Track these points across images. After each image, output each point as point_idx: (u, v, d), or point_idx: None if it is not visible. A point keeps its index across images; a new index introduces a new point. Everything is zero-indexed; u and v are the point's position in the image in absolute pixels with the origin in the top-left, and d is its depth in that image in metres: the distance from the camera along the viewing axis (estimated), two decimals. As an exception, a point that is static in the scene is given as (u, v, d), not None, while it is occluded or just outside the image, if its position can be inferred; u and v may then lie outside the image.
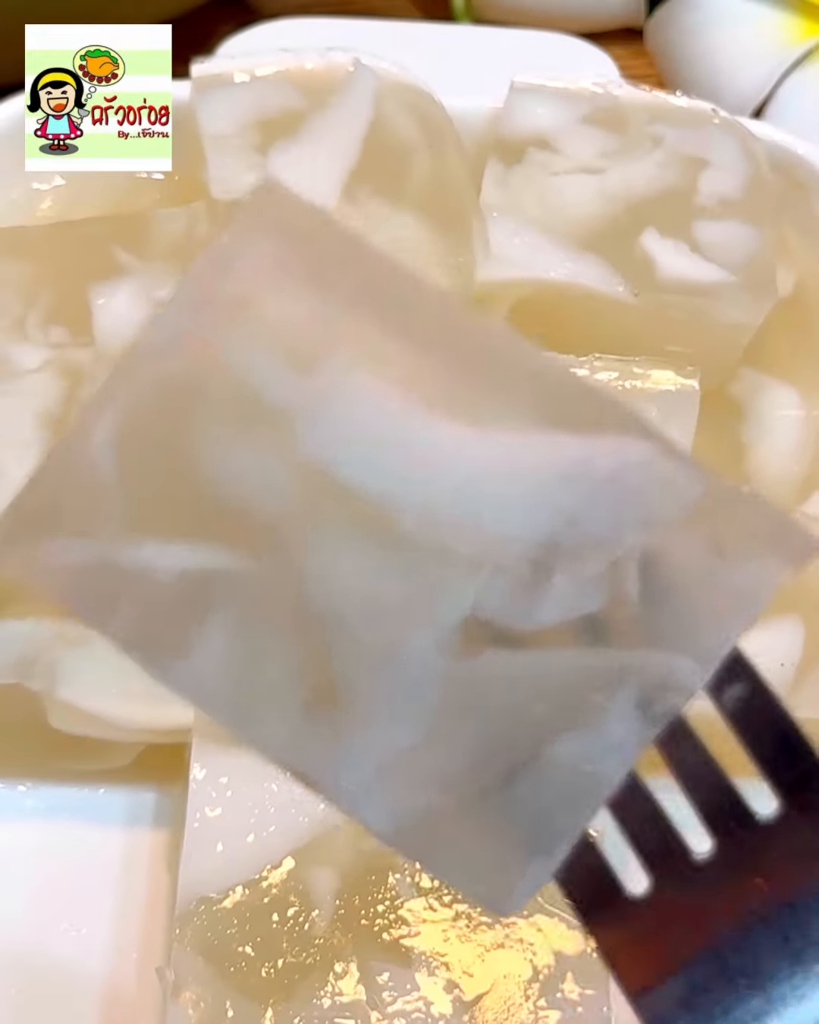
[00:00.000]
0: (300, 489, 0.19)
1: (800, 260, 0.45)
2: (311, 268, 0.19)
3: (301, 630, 0.19)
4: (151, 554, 0.19)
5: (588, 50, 0.49)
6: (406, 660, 0.19)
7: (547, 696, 0.20)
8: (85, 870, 0.39)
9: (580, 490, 0.19)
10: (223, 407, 0.19)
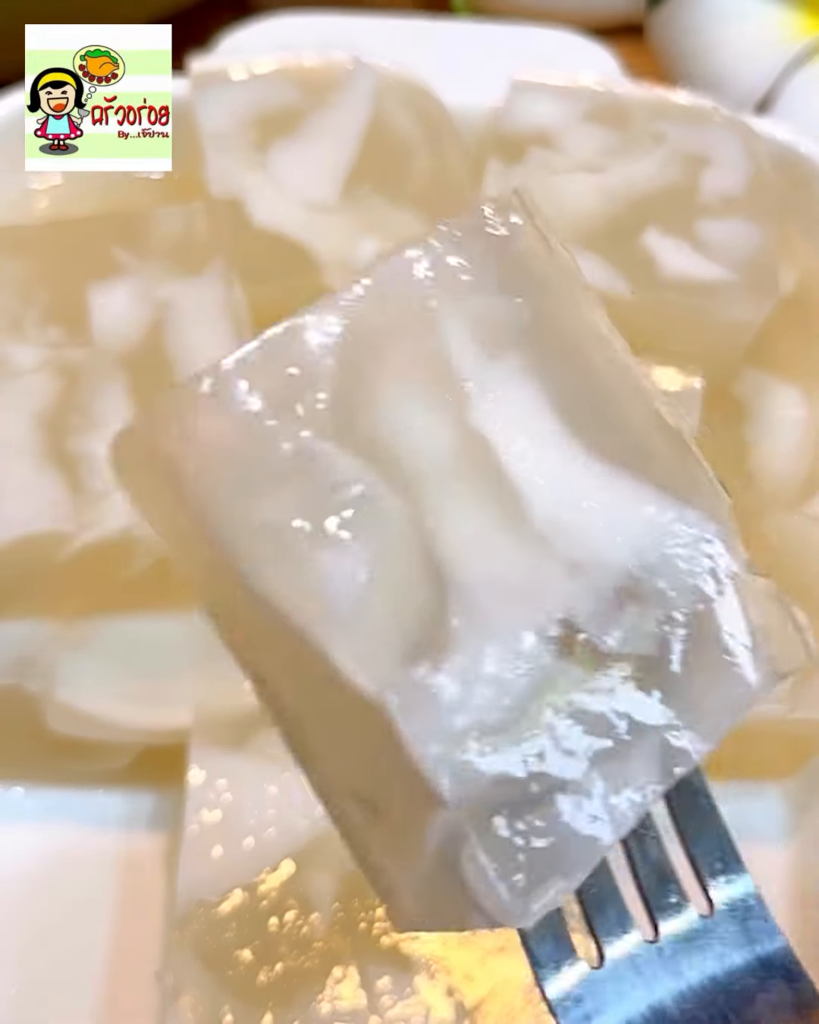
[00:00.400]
0: (457, 453, 0.21)
1: (803, 258, 0.45)
2: (518, 276, 0.22)
3: (427, 577, 0.20)
4: (336, 451, 0.20)
5: (590, 46, 0.49)
6: (516, 638, 0.20)
7: (596, 721, 0.21)
8: (83, 873, 0.39)
9: (665, 544, 0.22)
10: (416, 359, 0.21)
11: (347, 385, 0.21)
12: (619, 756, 0.21)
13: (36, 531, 0.34)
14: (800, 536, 0.40)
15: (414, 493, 0.21)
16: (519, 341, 0.22)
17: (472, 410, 0.21)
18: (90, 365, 0.36)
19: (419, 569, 0.20)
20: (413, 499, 0.21)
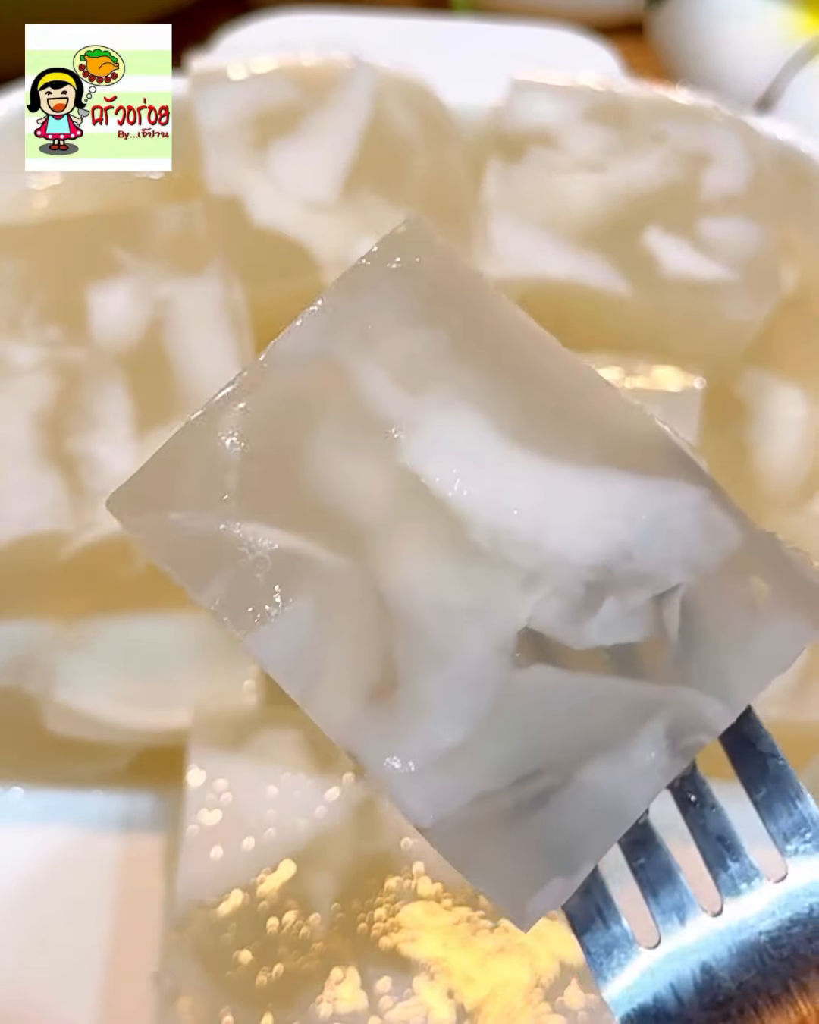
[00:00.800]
0: (394, 496, 0.21)
1: (803, 257, 0.45)
2: (431, 304, 0.22)
3: (374, 624, 0.21)
4: (255, 532, 0.21)
5: (590, 45, 0.49)
6: (464, 661, 0.21)
7: (584, 717, 0.21)
8: (82, 874, 0.39)
9: (636, 526, 0.22)
10: (338, 418, 0.22)
11: (268, 461, 0.21)
12: (614, 745, 0.21)
13: (36, 531, 0.34)
14: (801, 536, 0.40)
15: (362, 544, 0.21)
16: (443, 368, 0.22)
17: (401, 452, 0.22)
18: (89, 365, 0.36)
19: (369, 616, 0.21)
20: (361, 550, 0.21)
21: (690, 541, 0.22)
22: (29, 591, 0.36)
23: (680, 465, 0.22)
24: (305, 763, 0.35)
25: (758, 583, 0.22)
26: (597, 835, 0.21)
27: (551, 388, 0.22)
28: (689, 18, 0.54)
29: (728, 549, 0.22)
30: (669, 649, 0.22)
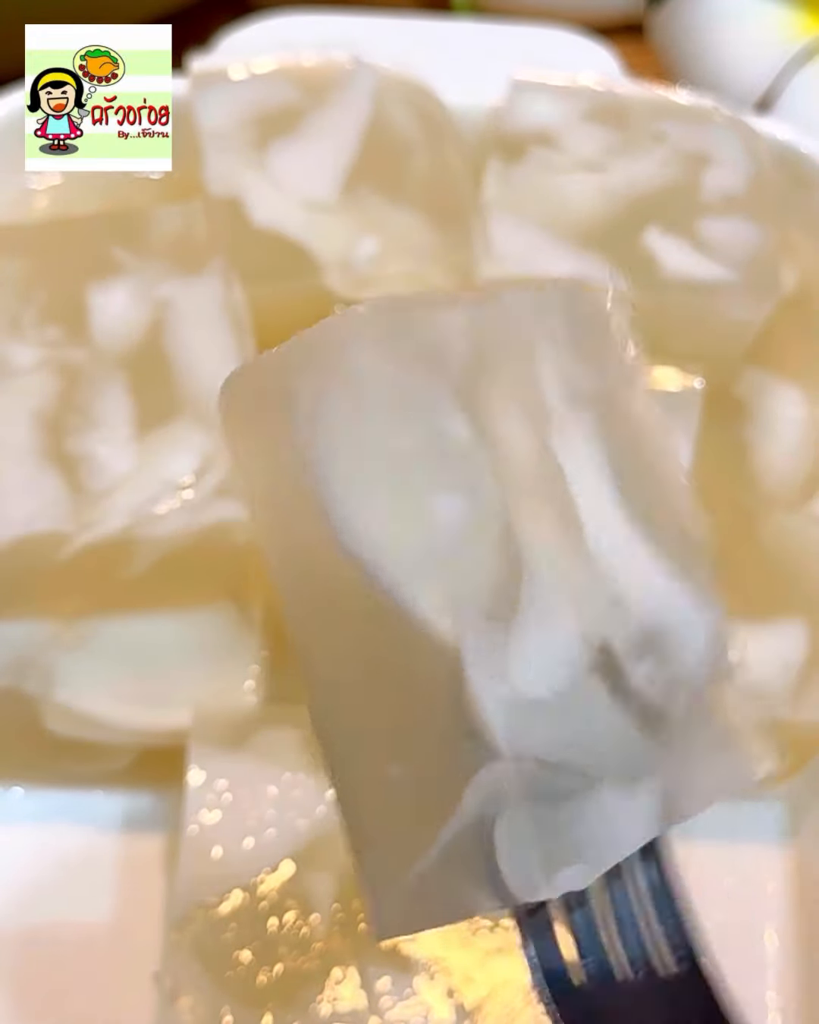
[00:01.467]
0: (535, 464, 0.22)
1: (804, 258, 0.45)
2: (590, 358, 0.24)
3: (507, 555, 0.22)
4: (456, 414, 0.22)
5: (590, 45, 0.49)
6: (569, 632, 0.22)
7: (614, 744, 0.23)
8: (82, 874, 0.39)
9: (675, 616, 0.24)
10: (518, 383, 0.23)
11: (470, 372, 0.22)
12: (626, 781, 0.22)
13: (35, 531, 0.34)
14: (800, 536, 0.40)
15: (506, 488, 0.22)
16: (591, 406, 0.24)
17: (553, 437, 0.23)
18: (89, 365, 0.36)
19: (501, 545, 0.22)
20: (505, 491, 0.22)
21: (703, 653, 0.24)
22: (29, 591, 0.36)
23: (714, 588, 0.25)
24: (305, 763, 0.35)
25: (722, 719, 0.24)
26: (601, 850, 0.22)
27: (649, 471, 0.24)
28: (689, 18, 0.54)
29: (717, 676, 0.24)
30: (671, 728, 0.23)
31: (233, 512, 0.34)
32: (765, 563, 0.39)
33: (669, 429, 0.26)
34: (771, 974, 0.38)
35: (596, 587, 0.23)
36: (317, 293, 0.39)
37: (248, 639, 0.37)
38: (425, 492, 0.22)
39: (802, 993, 0.38)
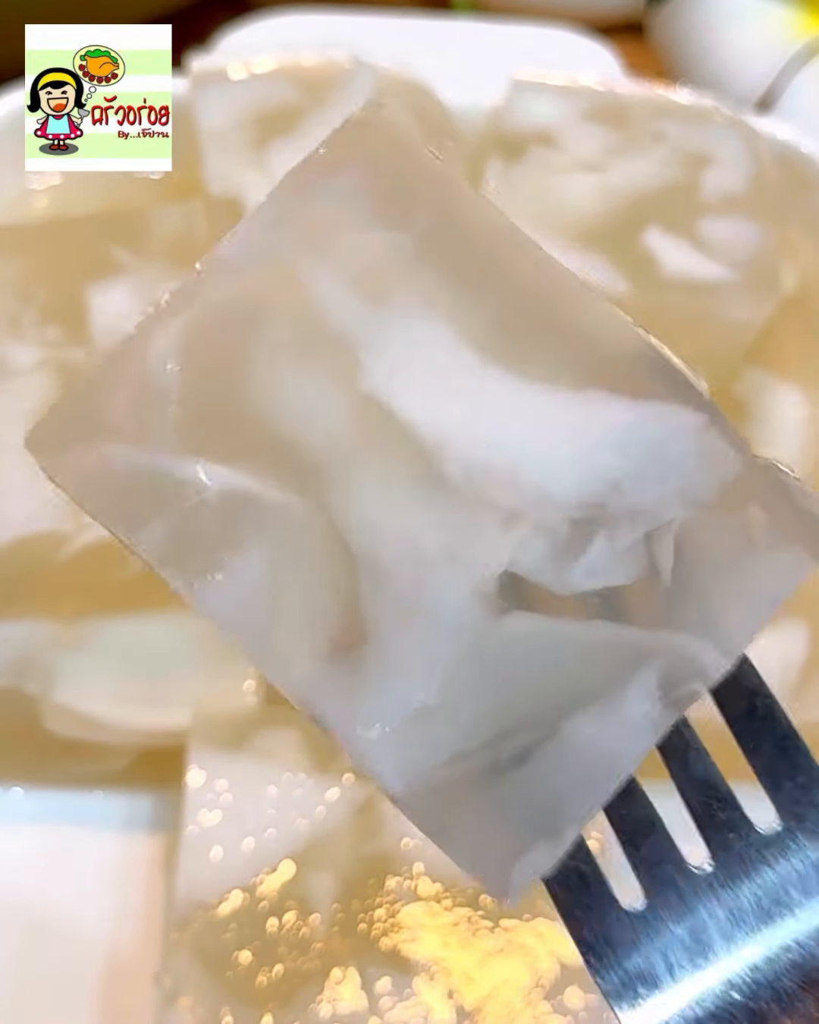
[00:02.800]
0: (354, 423, 0.19)
1: (803, 257, 0.45)
2: (393, 201, 0.19)
3: (336, 571, 0.19)
4: (197, 470, 0.18)
5: (590, 45, 0.49)
6: (438, 608, 0.19)
7: (569, 668, 0.19)
8: (81, 874, 0.39)
9: (627, 456, 0.19)
10: (286, 329, 0.19)
11: (209, 390, 0.19)
12: (603, 697, 0.19)
13: (35, 531, 0.34)
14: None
15: (319, 480, 0.19)
16: (407, 275, 0.19)
17: (360, 372, 0.19)
18: (89, 365, 0.36)
19: (329, 562, 0.19)
20: (318, 487, 0.19)
21: (687, 471, 0.19)
22: (28, 591, 0.36)
23: (676, 387, 0.20)
24: (305, 763, 0.35)
25: (755, 513, 0.20)
26: (584, 794, 0.19)
27: (530, 297, 0.20)
28: (689, 18, 0.54)
29: (723, 479, 0.20)
30: (661, 591, 0.19)
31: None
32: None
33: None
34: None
35: (476, 518, 0.19)
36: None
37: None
38: (200, 578, 0.18)
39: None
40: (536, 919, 0.33)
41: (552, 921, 0.33)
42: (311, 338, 0.19)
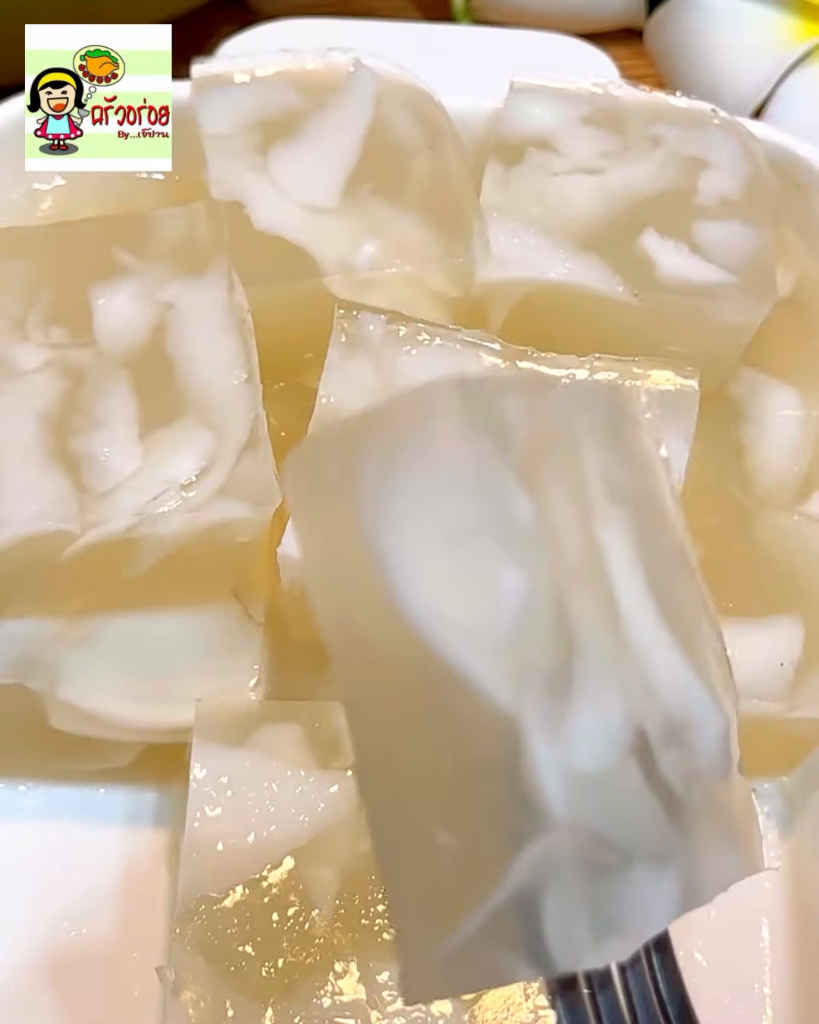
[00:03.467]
0: (579, 547, 0.23)
1: (800, 260, 0.45)
2: (626, 457, 0.25)
3: (559, 632, 0.22)
4: (515, 488, 0.23)
5: (588, 50, 0.49)
6: (615, 713, 0.23)
7: (641, 827, 0.23)
8: (86, 870, 0.39)
9: (695, 712, 0.24)
10: (560, 467, 0.24)
11: (530, 455, 0.23)
12: (655, 864, 0.23)
13: (40, 530, 0.34)
14: (797, 535, 0.40)
15: (557, 569, 0.23)
16: (626, 502, 0.24)
17: (596, 528, 0.24)
18: (93, 366, 0.37)
19: (556, 623, 0.22)
20: (557, 570, 0.23)
21: (713, 749, 0.24)
22: (33, 590, 0.36)
23: (729, 690, 0.25)
24: (307, 759, 0.35)
25: (729, 815, 0.25)
26: (636, 927, 0.23)
27: (673, 571, 0.25)
28: (685, 24, 0.55)
29: (725, 774, 0.25)
30: (687, 819, 0.23)
31: (236, 512, 0.34)
32: (761, 562, 0.40)
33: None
34: (766, 969, 0.39)
35: (633, 674, 0.23)
36: (318, 295, 0.39)
37: (251, 637, 0.37)
38: (489, 566, 0.22)
39: (796, 989, 0.38)
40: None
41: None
42: (571, 479, 0.24)
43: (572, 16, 0.57)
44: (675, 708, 0.24)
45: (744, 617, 0.38)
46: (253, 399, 0.36)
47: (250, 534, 0.35)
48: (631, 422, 0.26)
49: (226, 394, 0.36)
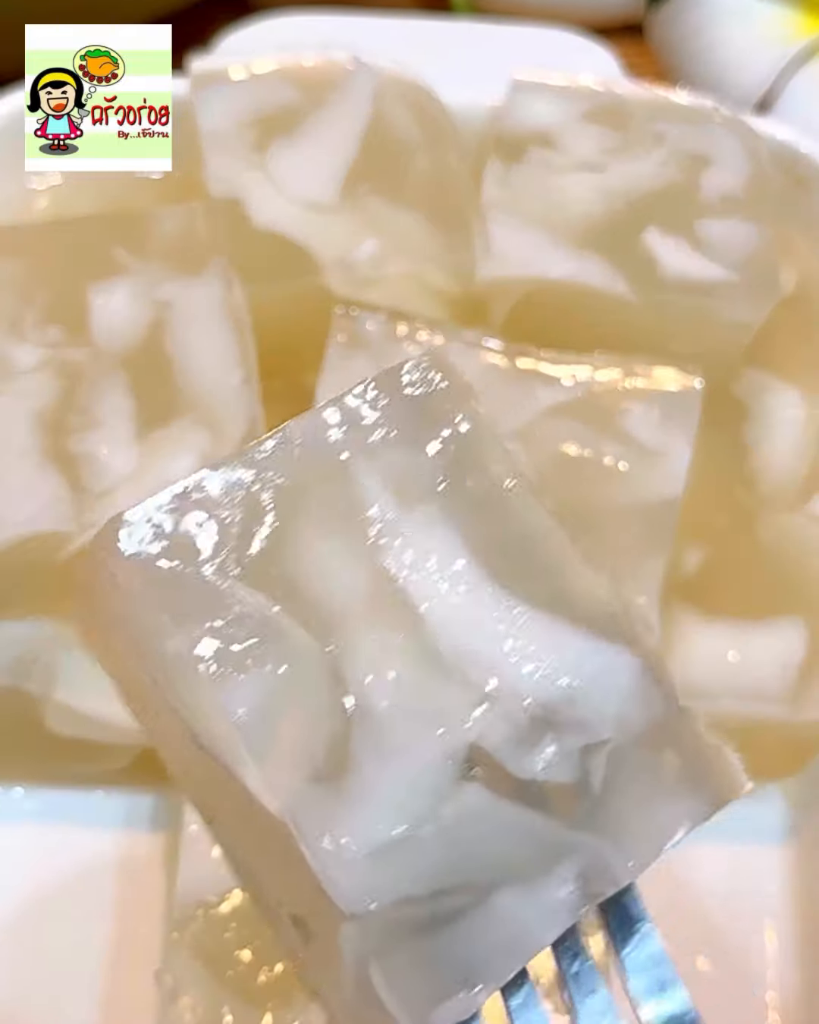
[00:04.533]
0: (370, 593, 0.23)
1: (803, 258, 0.45)
2: (432, 432, 0.24)
3: (333, 708, 0.22)
4: (248, 593, 0.22)
5: (590, 46, 0.49)
6: (416, 762, 0.22)
7: (507, 845, 0.22)
8: (83, 873, 0.39)
9: (581, 676, 0.23)
10: (333, 508, 0.23)
11: (261, 531, 0.23)
12: (529, 877, 0.22)
13: (37, 531, 0.34)
14: (800, 536, 0.40)
15: (333, 632, 0.22)
16: (434, 492, 0.24)
17: (383, 554, 0.23)
18: (90, 365, 0.36)
19: (330, 700, 0.22)
20: (332, 638, 0.22)
21: (624, 702, 0.23)
22: (30, 591, 0.36)
23: (627, 633, 0.24)
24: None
25: (671, 757, 0.24)
26: (502, 959, 0.22)
27: (527, 538, 0.24)
28: (688, 19, 0.55)
29: (653, 718, 0.24)
30: (590, 797, 0.23)
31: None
32: (764, 563, 0.39)
33: (530, 489, 0.25)
34: (771, 974, 0.38)
35: (457, 692, 0.22)
36: (317, 293, 0.39)
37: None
38: (215, 679, 0.21)
39: (802, 993, 0.38)
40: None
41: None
42: (350, 520, 0.23)
43: (574, 10, 0.57)
44: (545, 690, 0.23)
45: (747, 619, 0.38)
46: (251, 398, 0.35)
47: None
48: (428, 399, 0.24)
49: (224, 393, 0.36)
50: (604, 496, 0.35)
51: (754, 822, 0.40)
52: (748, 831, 0.40)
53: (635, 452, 0.36)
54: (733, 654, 0.37)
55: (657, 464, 0.36)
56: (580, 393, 0.37)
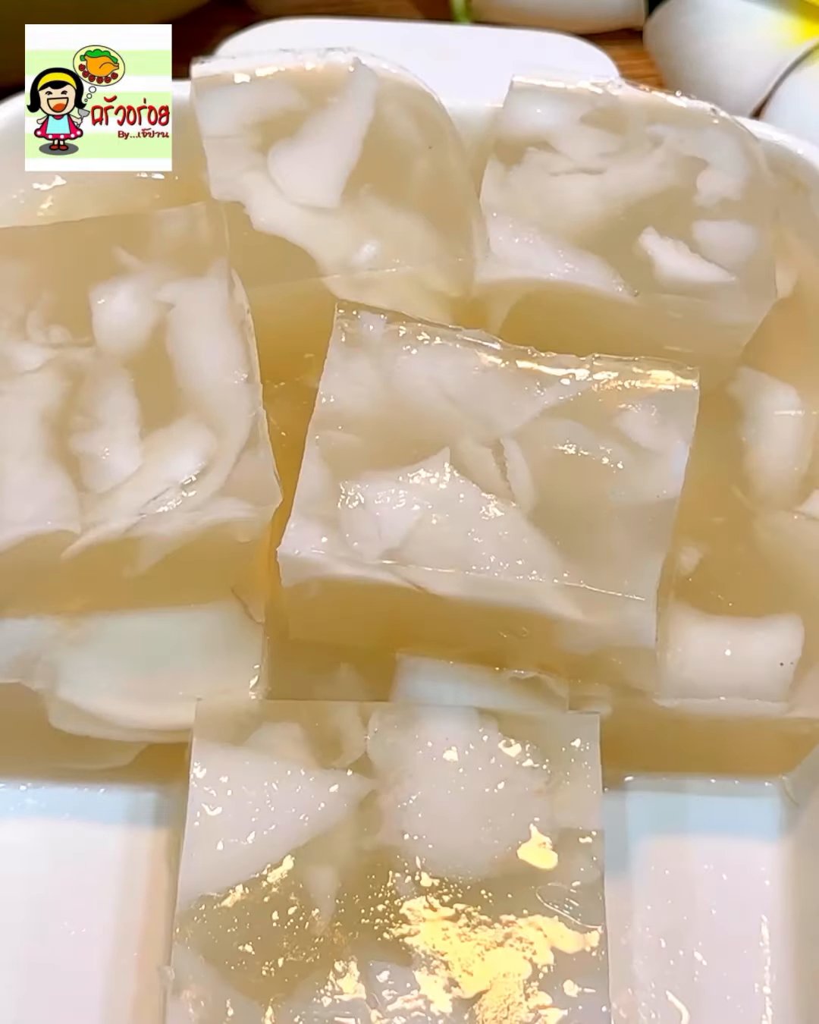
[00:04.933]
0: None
1: (799, 260, 0.45)
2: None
3: None
4: None
5: (588, 50, 0.49)
6: None
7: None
8: (86, 869, 0.39)
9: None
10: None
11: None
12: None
13: (41, 531, 0.34)
14: (796, 535, 0.40)
15: None
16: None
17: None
18: (93, 366, 0.37)
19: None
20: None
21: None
22: (34, 589, 0.36)
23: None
24: (307, 759, 0.35)
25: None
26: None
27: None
28: (685, 25, 0.55)
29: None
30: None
31: (236, 511, 0.34)
32: (761, 562, 0.40)
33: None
34: (767, 967, 0.39)
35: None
36: (318, 295, 0.39)
37: (251, 636, 0.37)
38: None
39: (796, 986, 0.38)
40: (534, 914, 0.34)
41: (550, 916, 0.34)
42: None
43: (572, 16, 0.57)
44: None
45: (744, 617, 0.38)
46: (253, 399, 0.36)
47: (250, 534, 0.35)
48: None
49: (226, 394, 0.36)
50: (602, 496, 0.36)
51: (750, 817, 0.41)
52: (744, 826, 0.41)
53: (633, 452, 0.36)
54: (730, 652, 0.38)
55: (655, 464, 0.36)
56: (578, 393, 0.37)
